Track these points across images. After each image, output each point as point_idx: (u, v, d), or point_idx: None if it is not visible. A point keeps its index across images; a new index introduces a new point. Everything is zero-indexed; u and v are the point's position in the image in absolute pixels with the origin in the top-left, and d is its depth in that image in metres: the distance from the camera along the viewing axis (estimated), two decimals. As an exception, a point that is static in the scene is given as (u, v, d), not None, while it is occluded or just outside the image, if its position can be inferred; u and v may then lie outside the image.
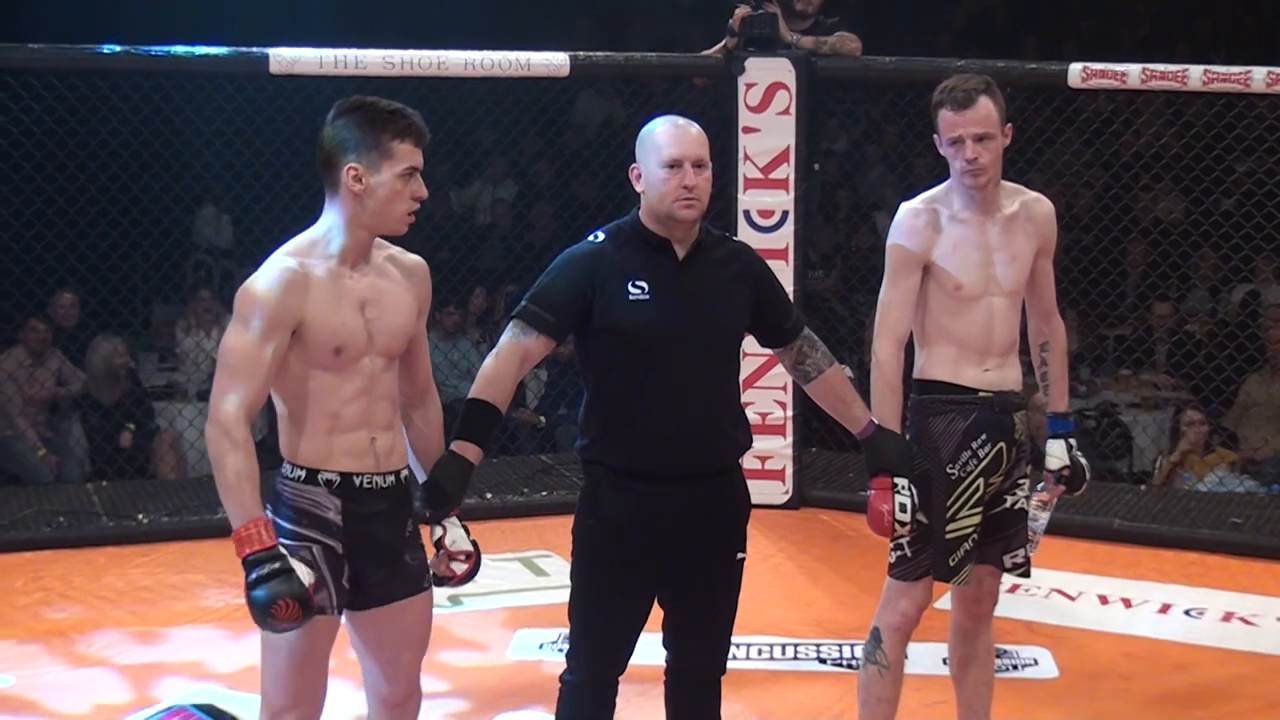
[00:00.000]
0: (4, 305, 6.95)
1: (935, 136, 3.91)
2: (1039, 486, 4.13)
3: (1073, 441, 4.12)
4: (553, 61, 6.65)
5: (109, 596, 5.79)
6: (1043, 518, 4.13)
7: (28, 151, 6.59)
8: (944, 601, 4.22)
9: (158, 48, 6.18)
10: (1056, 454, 4.10)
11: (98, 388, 7.64)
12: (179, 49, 6.02)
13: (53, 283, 7.48)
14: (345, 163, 3.23)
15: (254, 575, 3.10)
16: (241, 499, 3.12)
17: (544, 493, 7.02)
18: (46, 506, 6.65)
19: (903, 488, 3.75)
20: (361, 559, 3.30)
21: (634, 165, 3.56)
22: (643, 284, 3.49)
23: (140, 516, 6.58)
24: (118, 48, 6.21)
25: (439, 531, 3.40)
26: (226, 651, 5.17)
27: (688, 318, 3.50)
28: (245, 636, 3.67)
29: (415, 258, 3.43)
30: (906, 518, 3.74)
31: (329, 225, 3.28)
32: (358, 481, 3.28)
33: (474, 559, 3.41)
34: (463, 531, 3.43)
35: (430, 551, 3.44)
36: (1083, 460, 4.13)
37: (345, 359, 3.25)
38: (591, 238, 3.59)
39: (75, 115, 6.60)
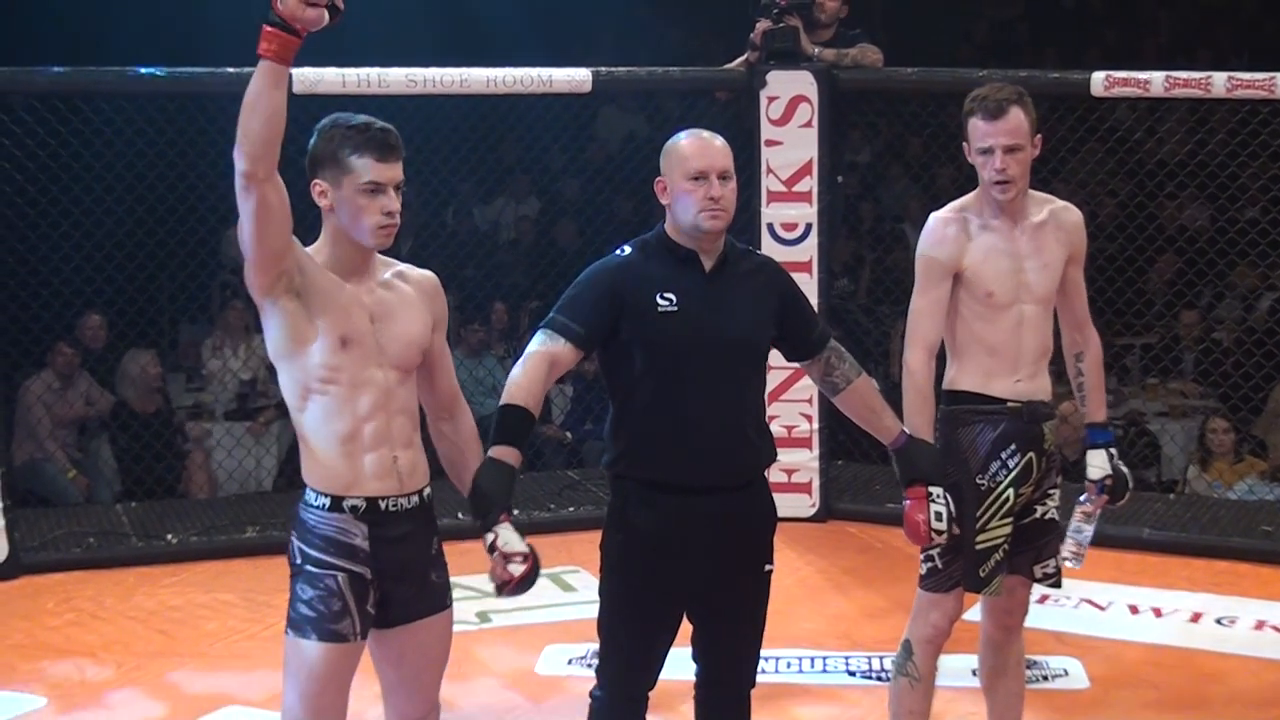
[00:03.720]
0: (32, 328, 6.96)
1: (964, 145, 3.90)
2: (1081, 498, 4.09)
3: (1113, 451, 4.08)
4: (575, 77, 6.65)
5: (139, 617, 5.79)
6: (1088, 529, 4.08)
7: (54, 174, 6.61)
8: (974, 613, 4.18)
9: (183, 69, 6.20)
10: (1098, 464, 4.06)
11: (135, 400, 7.64)
12: (202, 70, 6.05)
13: (80, 305, 7.50)
14: (312, 178, 3.26)
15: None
16: None
17: (571, 508, 7.01)
18: (77, 527, 6.66)
19: (938, 497, 3.72)
20: (389, 581, 3.29)
21: (659, 179, 3.58)
22: (671, 295, 3.48)
23: (170, 536, 6.59)
24: (142, 70, 6.24)
25: (490, 537, 3.36)
26: (255, 672, 5.17)
27: (716, 329, 3.49)
28: (273, 657, 3.66)
29: (424, 272, 3.43)
30: (943, 526, 3.72)
31: (321, 241, 3.31)
32: (383, 505, 3.27)
33: (531, 560, 3.33)
34: (515, 534, 3.38)
35: (472, 564, 3.43)
36: (1125, 469, 4.09)
37: (354, 361, 3.23)
38: (619, 251, 3.59)
39: (101, 137, 6.62)
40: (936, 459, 3.77)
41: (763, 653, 3.70)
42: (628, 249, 3.58)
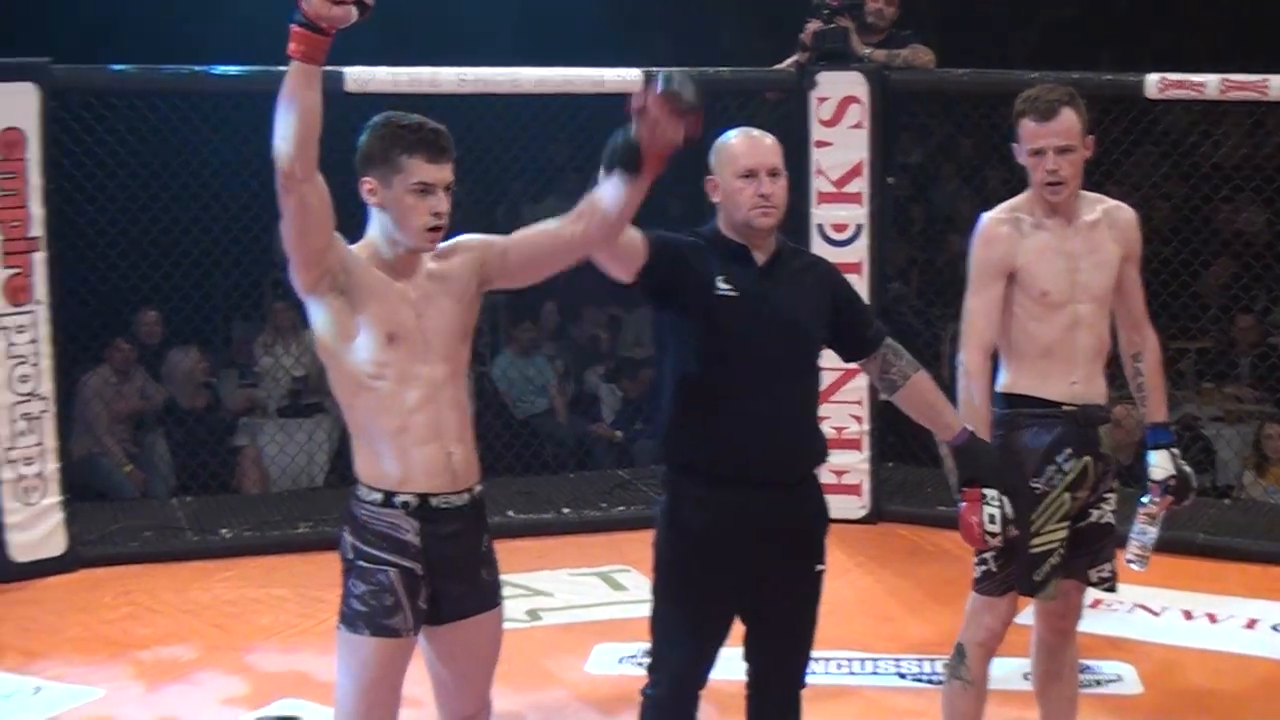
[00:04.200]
0: (91, 324, 7.00)
1: (1014, 146, 3.87)
2: (1144, 500, 4.04)
3: (1176, 451, 4.04)
4: (626, 77, 6.63)
5: (194, 610, 5.82)
6: (1152, 531, 4.04)
7: (113, 172, 6.65)
8: (1026, 616, 4.15)
9: (235, 68, 6.24)
10: (1161, 464, 4.02)
11: (182, 396, 7.69)
12: (255, 69, 6.08)
13: (137, 301, 7.55)
14: (362, 176, 3.26)
15: None
16: None
17: (621, 508, 7.00)
18: (133, 522, 6.71)
19: (993, 498, 3.69)
20: (440, 577, 3.29)
21: (710, 177, 3.59)
22: (729, 284, 3.48)
23: (224, 531, 6.62)
24: (197, 68, 6.28)
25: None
26: (309, 666, 5.18)
27: (771, 320, 3.50)
28: (327, 653, 3.69)
29: (459, 239, 3.39)
30: (996, 529, 3.70)
31: (367, 239, 3.31)
32: (434, 502, 3.27)
33: None
34: None
35: (502, 567, 3.42)
36: (1188, 469, 4.04)
37: (402, 357, 3.22)
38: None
39: (158, 135, 6.66)
40: (996, 460, 3.73)
41: (813, 654, 3.68)
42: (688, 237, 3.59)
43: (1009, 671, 4.69)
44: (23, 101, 5.96)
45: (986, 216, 3.94)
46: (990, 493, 3.69)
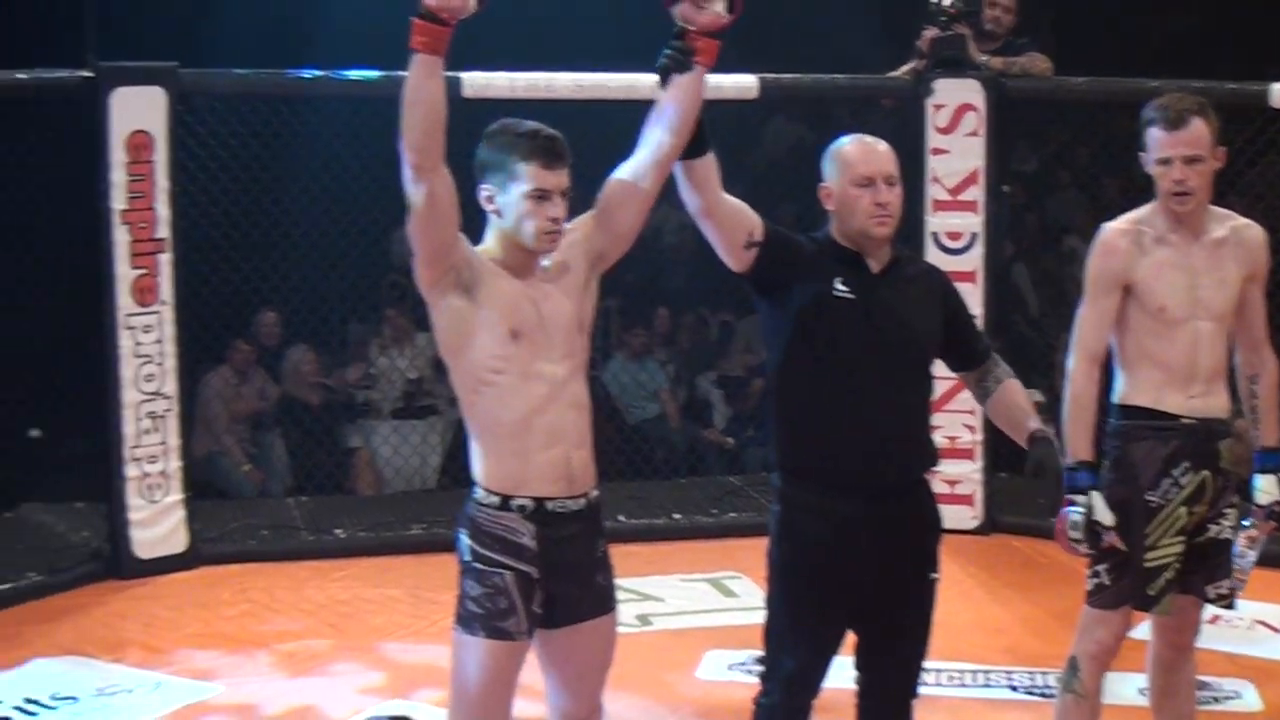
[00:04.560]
0: (212, 325, 7.12)
1: (1141, 155, 3.81)
2: (1246, 522, 3.96)
3: None
4: (741, 84, 6.63)
5: (309, 609, 5.90)
6: (1251, 554, 3.95)
7: (236, 175, 6.75)
8: (1143, 631, 4.08)
9: (354, 71, 6.31)
10: (1267, 489, 3.94)
11: (299, 392, 7.78)
12: (373, 73, 6.15)
13: (257, 302, 7.65)
14: (480, 183, 3.29)
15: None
16: None
17: (732, 514, 6.99)
18: (251, 520, 6.80)
19: (1079, 505, 3.65)
20: (555, 581, 3.30)
21: (823, 184, 3.57)
22: (846, 286, 3.47)
23: (338, 531, 6.70)
24: (317, 72, 6.37)
25: None
26: (420, 666, 5.22)
27: (888, 325, 3.48)
28: (439, 654, 3.73)
29: (573, 221, 3.42)
30: (1079, 535, 3.65)
31: (487, 242, 3.34)
32: (551, 507, 3.28)
33: None
34: None
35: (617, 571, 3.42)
36: None
37: (524, 353, 3.24)
38: None
39: (279, 139, 6.75)
40: (1051, 464, 3.52)
41: (925, 664, 3.65)
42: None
43: (1125, 687, 4.63)
44: (150, 105, 6.08)
45: (1107, 226, 3.88)
46: (1080, 499, 3.65)
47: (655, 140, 3.38)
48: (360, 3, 7.22)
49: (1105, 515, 3.70)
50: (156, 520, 6.20)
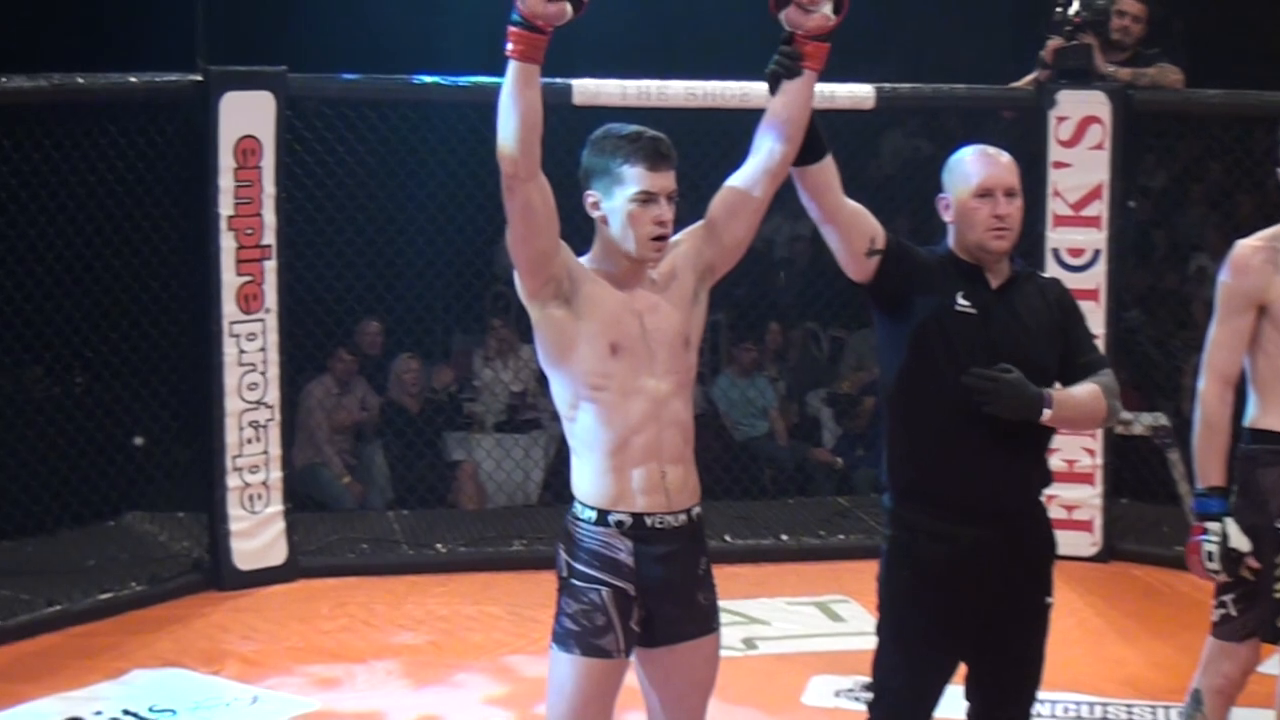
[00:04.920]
0: (315, 333, 7.20)
1: (1278, 170, 3.74)
2: None
3: None
4: (857, 93, 6.61)
5: (408, 625, 5.94)
6: None
7: (342, 181, 6.83)
8: (1271, 665, 4.00)
9: (464, 77, 6.36)
10: None
11: (400, 399, 7.85)
12: (483, 79, 6.19)
13: (361, 310, 7.73)
14: (585, 189, 3.30)
15: None
16: None
17: (841, 536, 6.96)
18: (350, 534, 6.87)
19: (1212, 534, 3.59)
20: (653, 599, 3.30)
21: (941, 196, 3.56)
22: (966, 301, 3.46)
23: (439, 546, 6.74)
24: (426, 78, 6.43)
25: None
26: (520, 685, 5.25)
27: (1004, 345, 3.45)
28: (538, 672, 3.74)
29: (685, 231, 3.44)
30: (1215, 566, 3.59)
31: (593, 251, 3.35)
32: (649, 522, 3.28)
33: None
34: None
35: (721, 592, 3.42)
36: None
37: (625, 369, 3.25)
38: None
39: (386, 145, 6.83)
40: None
41: (1039, 695, 3.61)
42: None
43: (1250, 724, 4.54)
44: (259, 110, 6.18)
45: (1241, 243, 3.82)
46: (1212, 525, 3.59)
47: (766, 148, 3.39)
48: (472, 8, 7.28)
49: (1241, 541, 3.64)
50: (257, 531, 6.29)
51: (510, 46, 3.10)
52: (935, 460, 3.47)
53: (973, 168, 3.50)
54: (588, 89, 6.31)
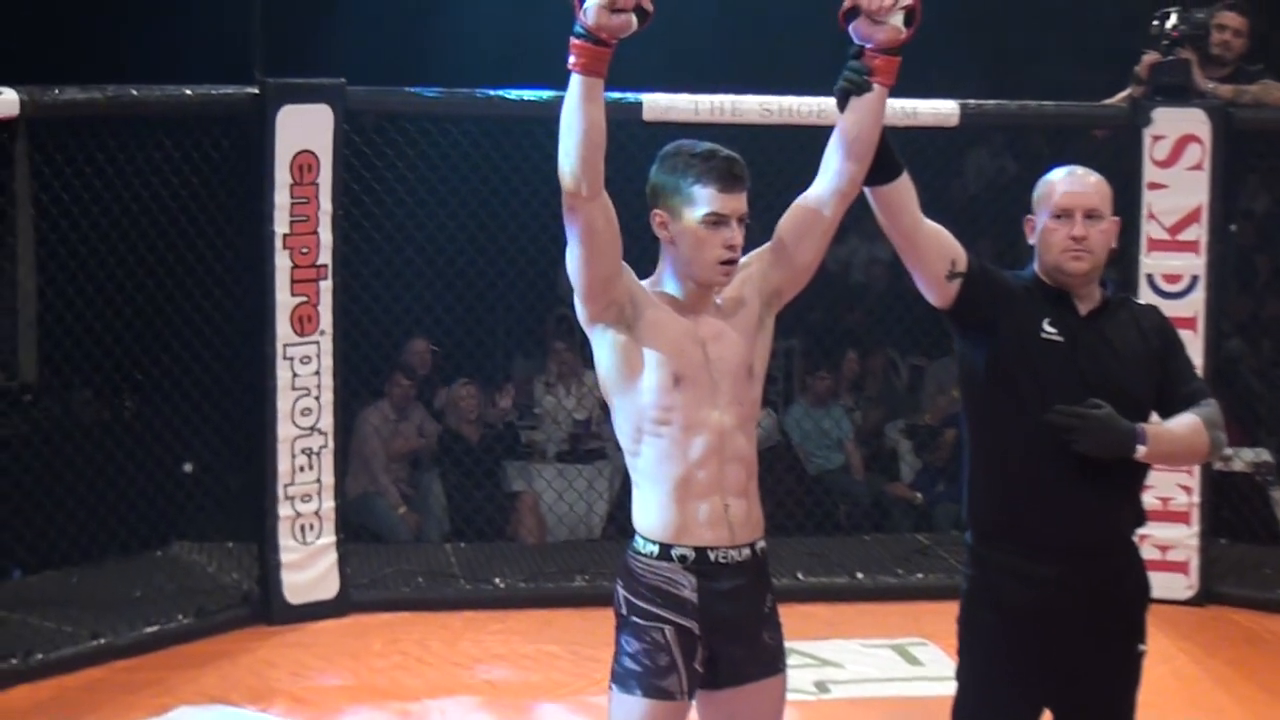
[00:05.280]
0: (371, 357, 7.24)
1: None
2: None
3: None
4: (941, 110, 6.59)
5: (464, 663, 5.95)
6: None
7: (401, 199, 6.87)
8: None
9: (534, 92, 6.38)
10: None
11: (458, 426, 7.87)
12: (547, 93, 6.19)
13: (418, 333, 7.77)
14: (653, 208, 3.32)
15: None
16: None
17: (920, 575, 6.93)
18: (405, 566, 6.88)
19: None
20: (717, 637, 3.30)
21: (1029, 217, 3.58)
22: (1055, 328, 3.45)
23: (497, 580, 6.75)
24: (493, 92, 6.46)
25: None
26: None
27: (1094, 375, 3.45)
28: (599, 715, 3.74)
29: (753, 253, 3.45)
30: None
31: (657, 274, 3.37)
32: (713, 556, 3.29)
33: None
34: None
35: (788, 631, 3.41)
36: None
37: (688, 401, 3.26)
38: None
39: (447, 161, 6.86)
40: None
41: (1131, 747, 3.59)
42: None
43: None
44: (317, 124, 6.22)
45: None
46: None
47: (834, 167, 3.40)
48: (534, 21, 7.32)
49: None
50: (308, 563, 6.31)
51: (572, 60, 3.12)
52: (1020, 496, 3.46)
53: (1054, 187, 3.52)
54: (658, 104, 6.33)
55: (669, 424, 3.27)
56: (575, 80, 3.13)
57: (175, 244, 6.40)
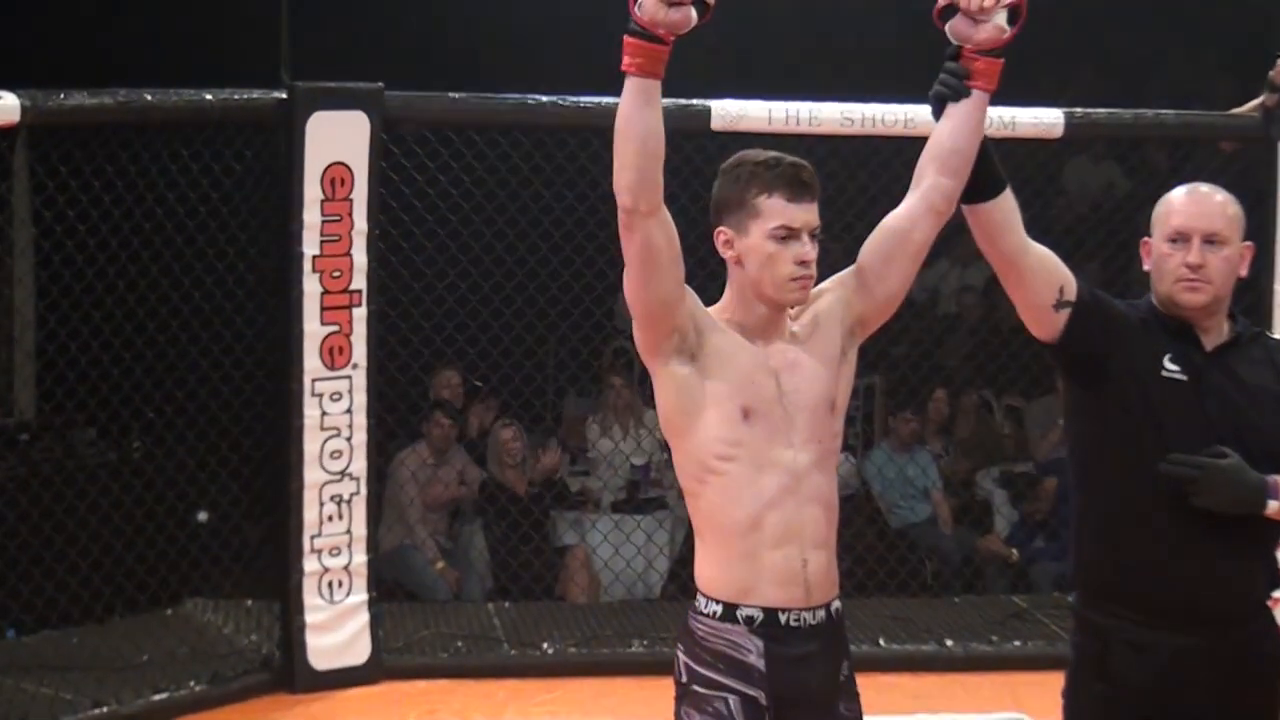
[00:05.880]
0: (410, 394, 7.21)
1: None
2: None
3: None
4: (1043, 120, 6.52)
5: (508, 738, 5.93)
6: None
7: (444, 216, 6.85)
8: None
9: (587, 97, 6.35)
10: None
11: (502, 476, 7.84)
12: (607, 99, 6.15)
13: (461, 366, 7.74)
14: (716, 226, 3.31)
15: None
16: None
17: (1017, 642, 6.84)
18: (444, 629, 6.85)
19: None
20: (788, 709, 3.28)
21: (1145, 239, 3.55)
22: (1177, 365, 3.41)
23: (545, 645, 6.71)
24: (544, 98, 6.41)
25: None
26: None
27: (1229, 417, 3.40)
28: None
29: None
30: None
31: (725, 299, 3.36)
32: (783, 619, 3.27)
33: None
34: None
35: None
36: None
37: (759, 437, 3.24)
38: None
39: (495, 174, 6.83)
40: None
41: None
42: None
43: None
44: (352, 133, 6.17)
45: None
46: None
47: (928, 183, 3.39)
48: (600, 21, 7.31)
49: None
50: (336, 624, 6.27)
51: (627, 60, 3.10)
52: (1135, 554, 3.43)
53: (1171, 206, 3.50)
54: (728, 112, 6.29)
55: (736, 460, 3.26)
56: (630, 83, 3.11)
57: (191, 266, 6.39)
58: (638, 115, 3.12)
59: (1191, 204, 3.47)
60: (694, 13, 3.07)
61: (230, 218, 6.33)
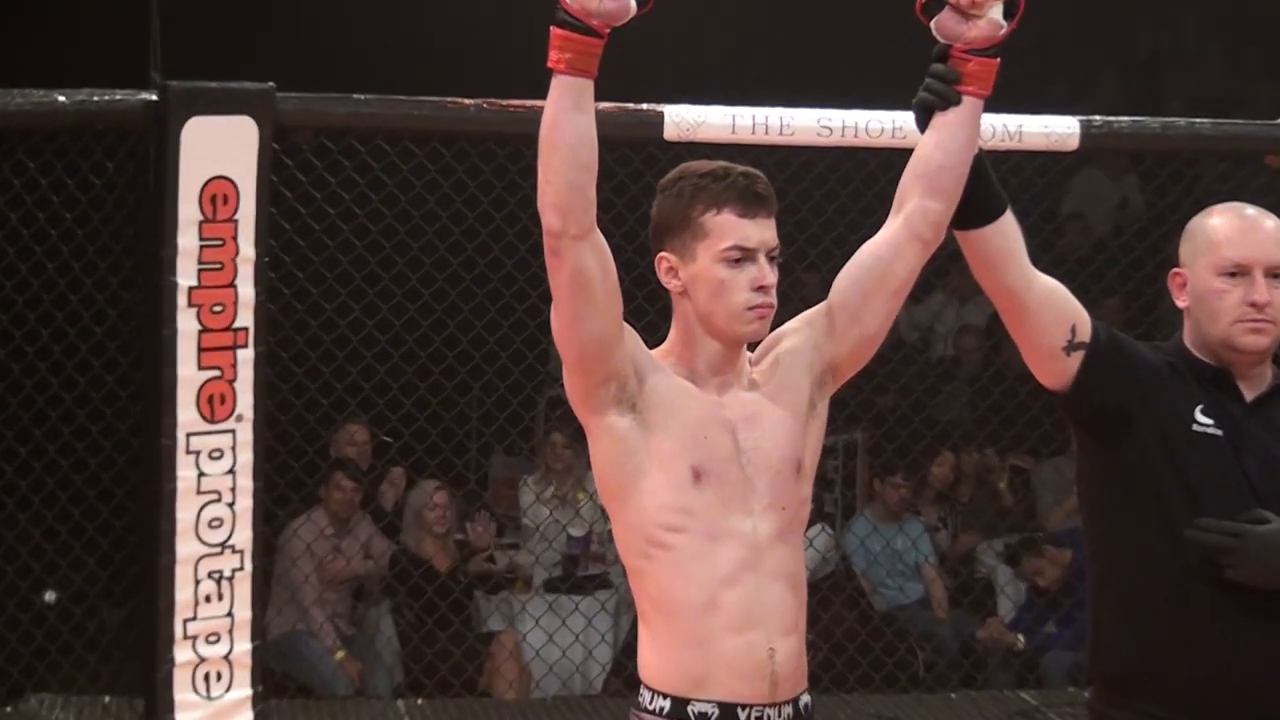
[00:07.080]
0: (305, 451, 7.18)
1: None
2: None
3: None
4: (1056, 130, 6.54)
5: None
6: None
7: (346, 241, 6.85)
8: None
9: (518, 101, 6.33)
10: None
11: (422, 548, 7.82)
12: (538, 103, 6.13)
13: (368, 420, 7.72)
14: (657, 251, 3.31)
15: None
16: None
17: (1025, 746, 6.86)
18: (346, 730, 6.86)
19: None
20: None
21: (1176, 271, 3.58)
22: (1209, 418, 3.42)
23: (469, 752, 6.72)
24: (467, 101, 6.37)
25: None
26: None
27: (1267, 478, 3.42)
28: None
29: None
30: None
31: (670, 338, 3.36)
32: (743, 715, 3.27)
33: None
34: None
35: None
36: None
37: (711, 503, 3.23)
38: None
39: (408, 192, 6.83)
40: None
41: None
42: None
43: None
44: (236, 142, 6.13)
45: None
46: None
47: (911, 205, 3.40)
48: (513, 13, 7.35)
49: None
50: (214, 726, 6.26)
51: (554, 55, 3.10)
52: (1164, 640, 3.46)
53: (1221, 234, 3.52)
54: (684, 119, 6.28)
55: (684, 531, 3.26)
56: (557, 82, 3.11)
57: (38, 300, 6.34)
58: (566, 120, 3.11)
59: (1248, 232, 3.50)
60: (633, 2, 3.06)
61: (87, 242, 6.29)
